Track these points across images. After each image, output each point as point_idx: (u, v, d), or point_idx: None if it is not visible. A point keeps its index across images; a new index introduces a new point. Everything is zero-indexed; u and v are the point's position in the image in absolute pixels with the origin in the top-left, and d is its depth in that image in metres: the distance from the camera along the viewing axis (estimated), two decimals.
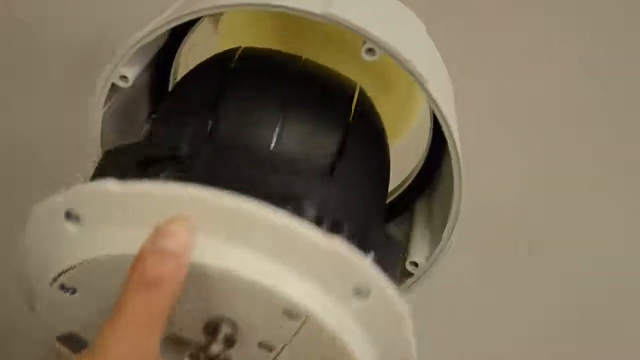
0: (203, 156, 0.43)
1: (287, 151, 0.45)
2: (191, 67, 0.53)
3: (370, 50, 0.44)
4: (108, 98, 0.48)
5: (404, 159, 0.57)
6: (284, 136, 0.46)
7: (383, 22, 0.46)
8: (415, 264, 0.51)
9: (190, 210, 0.34)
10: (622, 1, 0.80)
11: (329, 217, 0.40)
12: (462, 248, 0.50)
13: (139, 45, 0.46)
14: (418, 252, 0.51)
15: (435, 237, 0.50)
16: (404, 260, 0.51)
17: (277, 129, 0.46)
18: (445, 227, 0.49)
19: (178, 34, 0.53)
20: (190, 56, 0.56)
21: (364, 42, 0.44)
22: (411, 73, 0.44)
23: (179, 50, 0.54)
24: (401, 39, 0.45)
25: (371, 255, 0.35)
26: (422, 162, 0.55)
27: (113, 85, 0.47)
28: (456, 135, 0.46)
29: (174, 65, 0.54)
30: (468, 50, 0.75)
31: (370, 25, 0.44)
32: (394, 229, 0.57)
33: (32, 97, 0.74)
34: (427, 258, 0.50)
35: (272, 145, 0.45)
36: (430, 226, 0.52)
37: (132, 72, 0.47)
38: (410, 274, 0.51)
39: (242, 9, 0.45)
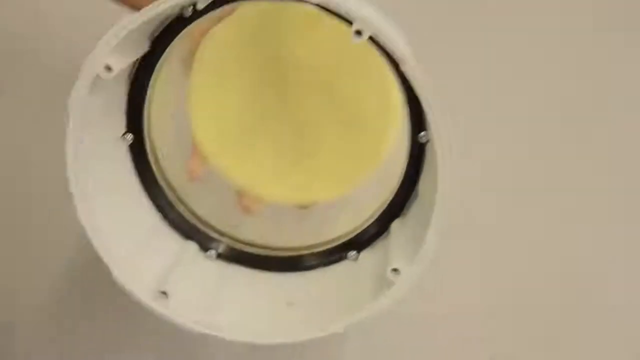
0: None
1: None
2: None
3: (358, 33, 0.45)
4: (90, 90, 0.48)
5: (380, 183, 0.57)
6: None
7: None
8: (397, 270, 0.49)
9: None
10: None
11: None
12: None
13: (124, 33, 0.46)
14: (399, 259, 0.50)
15: (417, 243, 0.49)
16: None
17: None
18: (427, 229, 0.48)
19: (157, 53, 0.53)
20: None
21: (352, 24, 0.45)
22: (394, 53, 0.45)
23: (157, 63, 0.53)
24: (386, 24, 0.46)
25: None
26: (399, 181, 0.55)
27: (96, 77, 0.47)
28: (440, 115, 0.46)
29: (150, 84, 0.54)
30: None
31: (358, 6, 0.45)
32: (368, 256, 0.56)
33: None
34: (409, 264, 0.49)
35: None
36: (410, 235, 0.52)
37: (117, 61, 0.47)
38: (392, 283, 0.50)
39: None
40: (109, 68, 0.47)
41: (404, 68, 0.46)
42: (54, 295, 0.68)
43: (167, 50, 0.53)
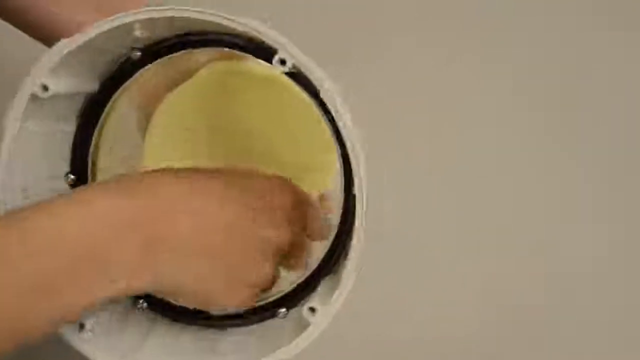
0: None
1: None
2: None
3: (282, 61, 0.47)
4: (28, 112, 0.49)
5: None
6: None
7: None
8: (313, 309, 0.48)
9: None
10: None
11: None
12: None
13: (63, 53, 0.48)
14: (315, 301, 0.49)
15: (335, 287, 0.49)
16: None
17: None
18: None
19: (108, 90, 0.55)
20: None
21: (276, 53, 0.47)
22: (318, 84, 0.46)
23: (107, 105, 0.55)
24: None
25: None
26: (330, 242, 0.55)
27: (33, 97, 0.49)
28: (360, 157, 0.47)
29: (99, 122, 0.55)
30: None
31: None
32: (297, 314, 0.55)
33: None
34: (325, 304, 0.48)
35: None
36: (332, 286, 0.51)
37: (54, 83, 0.49)
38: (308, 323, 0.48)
39: (169, 14, 0.47)
40: (45, 87, 0.49)
41: (322, 95, 0.46)
42: None
43: (117, 93, 0.55)
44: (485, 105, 0.78)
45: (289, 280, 0.56)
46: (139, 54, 0.53)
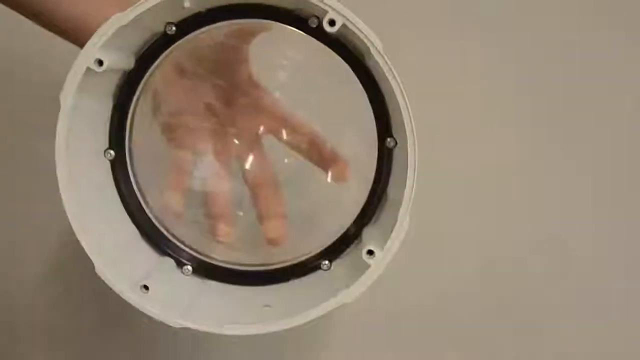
0: None
1: None
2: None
3: (331, 22, 0.50)
4: (80, 86, 0.51)
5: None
6: None
7: None
8: (372, 252, 0.51)
9: None
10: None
11: None
12: None
13: (116, 27, 0.50)
14: (372, 243, 0.52)
15: (388, 233, 0.52)
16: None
17: None
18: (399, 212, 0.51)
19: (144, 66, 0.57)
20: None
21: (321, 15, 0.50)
22: (368, 40, 0.50)
23: (141, 82, 0.57)
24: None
25: None
26: (367, 191, 0.58)
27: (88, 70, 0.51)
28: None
29: (135, 97, 0.57)
30: None
31: None
32: (341, 266, 0.58)
33: None
34: (382, 247, 0.52)
35: None
36: (382, 231, 0.54)
37: (107, 58, 0.51)
38: (368, 266, 0.52)
39: None
40: (100, 62, 0.51)
41: (375, 55, 0.50)
42: None
43: (151, 70, 0.57)
44: (485, 104, 0.81)
45: (328, 233, 0.59)
46: (174, 28, 0.55)
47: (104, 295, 0.52)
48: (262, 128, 0.65)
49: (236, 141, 0.65)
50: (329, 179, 0.64)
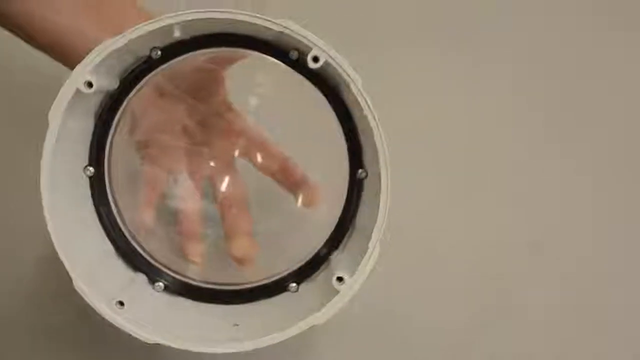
0: None
1: None
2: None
3: (315, 58, 0.53)
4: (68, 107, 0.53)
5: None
6: None
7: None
8: (341, 279, 0.54)
9: None
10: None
11: None
12: None
13: (108, 51, 0.52)
14: (342, 271, 0.54)
15: (358, 260, 0.55)
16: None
17: None
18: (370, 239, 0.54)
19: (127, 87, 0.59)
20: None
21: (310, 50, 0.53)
22: (349, 77, 0.52)
23: (123, 102, 0.59)
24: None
25: None
26: (337, 216, 0.61)
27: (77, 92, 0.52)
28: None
29: (116, 117, 0.59)
30: None
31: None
32: (308, 288, 0.60)
33: None
34: (352, 274, 0.54)
35: None
36: (350, 260, 0.56)
37: (96, 80, 0.52)
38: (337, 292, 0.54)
39: (207, 15, 0.52)
40: (89, 84, 0.52)
41: (355, 91, 0.52)
42: None
43: (134, 91, 0.59)
44: (484, 104, 0.82)
45: (295, 256, 0.61)
46: (159, 53, 0.57)
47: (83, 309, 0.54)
48: (234, 150, 0.67)
49: (210, 162, 0.67)
50: (298, 203, 0.66)
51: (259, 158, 0.67)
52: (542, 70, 0.83)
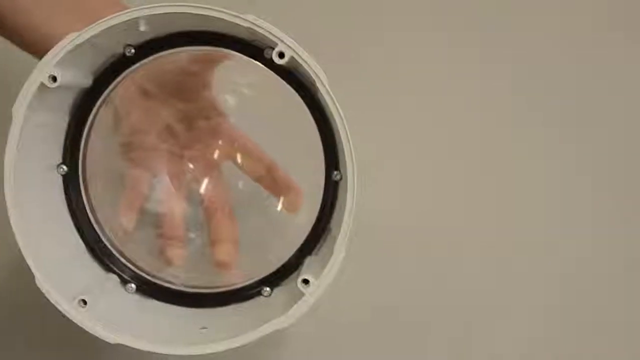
0: None
1: None
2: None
3: (280, 55, 0.52)
4: (33, 101, 0.52)
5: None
6: None
7: None
8: (307, 281, 0.52)
9: None
10: None
11: None
12: None
13: (71, 46, 0.51)
14: (308, 273, 0.53)
15: (327, 260, 0.53)
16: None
17: None
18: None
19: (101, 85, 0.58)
20: None
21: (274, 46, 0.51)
22: (314, 73, 0.51)
23: (98, 100, 0.58)
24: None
25: None
26: (312, 222, 0.59)
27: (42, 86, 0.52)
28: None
29: (91, 115, 0.58)
30: None
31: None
32: (281, 292, 0.59)
33: None
34: (318, 276, 0.53)
35: None
36: (322, 260, 0.55)
37: (61, 75, 0.52)
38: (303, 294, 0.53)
39: (173, 10, 0.52)
40: (54, 78, 0.52)
41: (320, 88, 0.51)
42: None
43: (109, 90, 0.58)
44: (484, 104, 0.81)
45: (271, 260, 0.60)
46: (133, 51, 0.57)
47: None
48: (219, 152, 0.66)
49: (193, 164, 0.66)
50: (279, 207, 0.65)
51: (244, 160, 0.66)
52: (542, 70, 0.81)
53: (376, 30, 0.81)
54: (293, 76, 0.56)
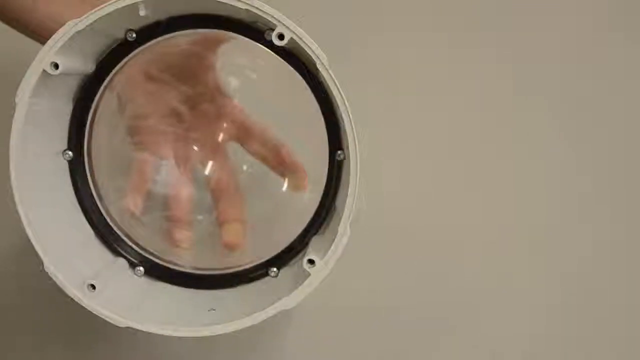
0: None
1: None
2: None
3: (280, 36, 0.52)
4: (36, 89, 0.52)
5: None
6: None
7: None
8: (312, 261, 0.53)
9: None
10: None
11: None
12: None
13: (71, 33, 0.52)
14: (314, 253, 0.53)
15: (331, 240, 0.53)
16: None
17: None
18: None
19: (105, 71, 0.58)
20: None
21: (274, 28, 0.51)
22: (314, 54, 0.51)
23: (102, 86, 0.59)
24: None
25: None
26: (316, 205, 0.59)
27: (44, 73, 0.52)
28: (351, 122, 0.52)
29: (95, 101, 0.59)
30: None
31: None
32: (288, 273, 0.59)
33: None
34: (323, 256, 0.53)
35: None
36: (327, 240, 0.55)
37: (62, 62, 0.52)
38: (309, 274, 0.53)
39: None
40: (55, 65, 0.52)
41: (320, 69, 0.51)
42: None
43: (111, 74, 0.58)
44: (484, 104, 0.81)
45: (278, 241, 0.60)
46: (134, 35, 0.57)
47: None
48: (224, 134, 0.67)
49: (199, 146, 0.66)
50: (284, 188, 0.65)
51: (250, 142, 0.66)
52: (542, 70, 0.82)
53: (376, 30, 0.82)
54: (295, 59, 0.56)
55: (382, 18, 0.82)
